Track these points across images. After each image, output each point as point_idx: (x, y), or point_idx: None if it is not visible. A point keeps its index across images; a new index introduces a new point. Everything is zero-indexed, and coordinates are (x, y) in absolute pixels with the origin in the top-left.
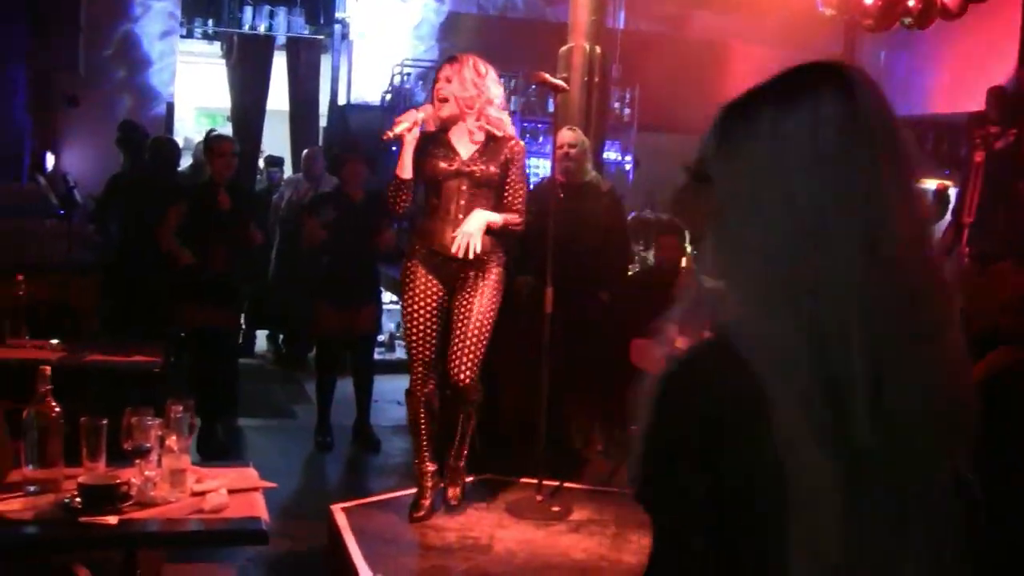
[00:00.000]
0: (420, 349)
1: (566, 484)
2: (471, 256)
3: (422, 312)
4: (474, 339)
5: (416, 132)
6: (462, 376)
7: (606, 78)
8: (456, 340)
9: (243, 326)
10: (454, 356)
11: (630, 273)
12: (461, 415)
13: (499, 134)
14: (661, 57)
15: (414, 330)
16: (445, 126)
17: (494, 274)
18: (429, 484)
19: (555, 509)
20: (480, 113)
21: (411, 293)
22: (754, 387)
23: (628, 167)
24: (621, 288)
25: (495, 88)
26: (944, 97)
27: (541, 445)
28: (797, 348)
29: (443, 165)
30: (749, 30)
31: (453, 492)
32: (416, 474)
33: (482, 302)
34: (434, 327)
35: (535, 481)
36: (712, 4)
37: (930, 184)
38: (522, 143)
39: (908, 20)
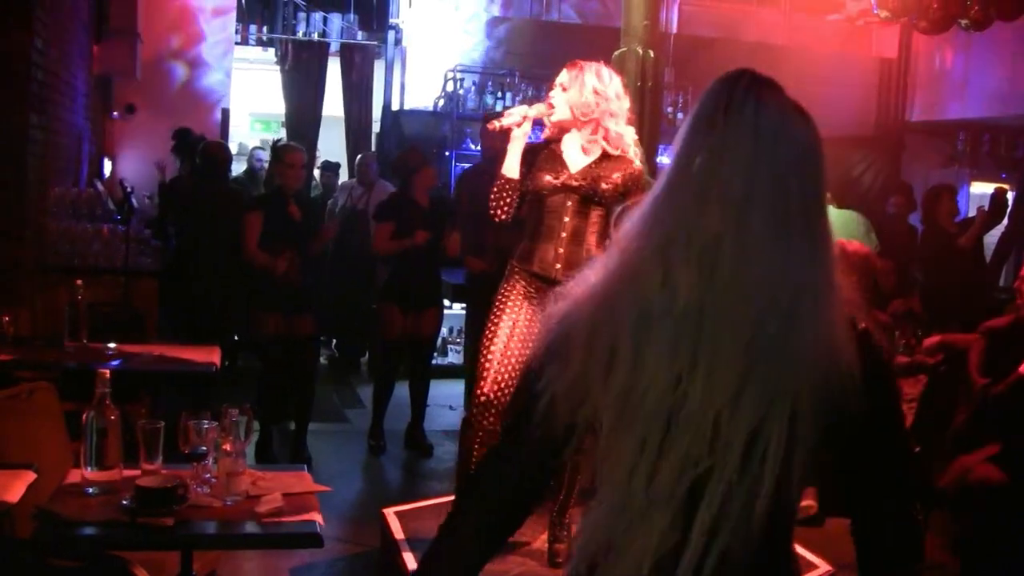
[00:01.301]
0: (490, 369)
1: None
2: None
3: (506, 333)
4: None
5: (527, 128)
6: None
7: (659, 82)
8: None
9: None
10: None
11: None
12: (568, 463)
13: (615, 152)
14: (714, 60)
15: (492, 356)
16: (556, 139)
17: None
18: None
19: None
20: (598, 125)
21: (498, 315)
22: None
23: None
24: None
25: (619, 100)
26: (1001, 99)
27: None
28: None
29: (548, 178)
30: (804, 32)
31: (561, 549)
32: None
33: None
34: (515, 352)
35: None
36: (766, 6)
37: (987, 188)
38: (643, 169)
39: (965, 22)
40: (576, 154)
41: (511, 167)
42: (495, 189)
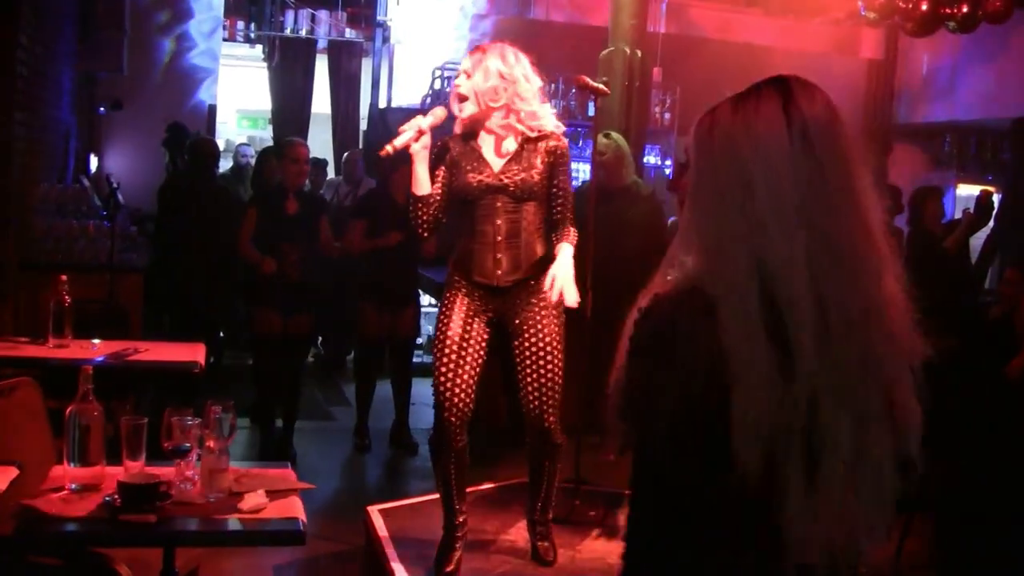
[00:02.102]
0: (451, 394)
1: (604, 490)
2: (572, 304)
3: (457, 351)
4: (551, 375)
5: (426, 140)
6: (546, 419)
7: (647, 82)
8: (530, 379)
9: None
10: (532, 397)
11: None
12: (546, 462)
13: (533, 134)
14: (702, 61)
15: (446, 371)
16: (472, 132)
17: (550, 298)
18: (460, 534)
19: (592, 514)
20: (509, 110)
21: (444, 329)
22: (711, 309)
23: (668, 171)
24: None
25: (529, 80)
26: (988, 102)
27: (579, 450)
28: (747, 278)
29: (473, 180)
30: (791, 34)
31: (545, 547)
32: (445, 526)
33: (549, 332)
34: (472, 370)
35: (573, 485)
36: (754, 8)
37: (973, 190)
38: (564, 139)
39: (952, 24)
40: (495, 148)
41: (421, 183)
42: (411, 208)
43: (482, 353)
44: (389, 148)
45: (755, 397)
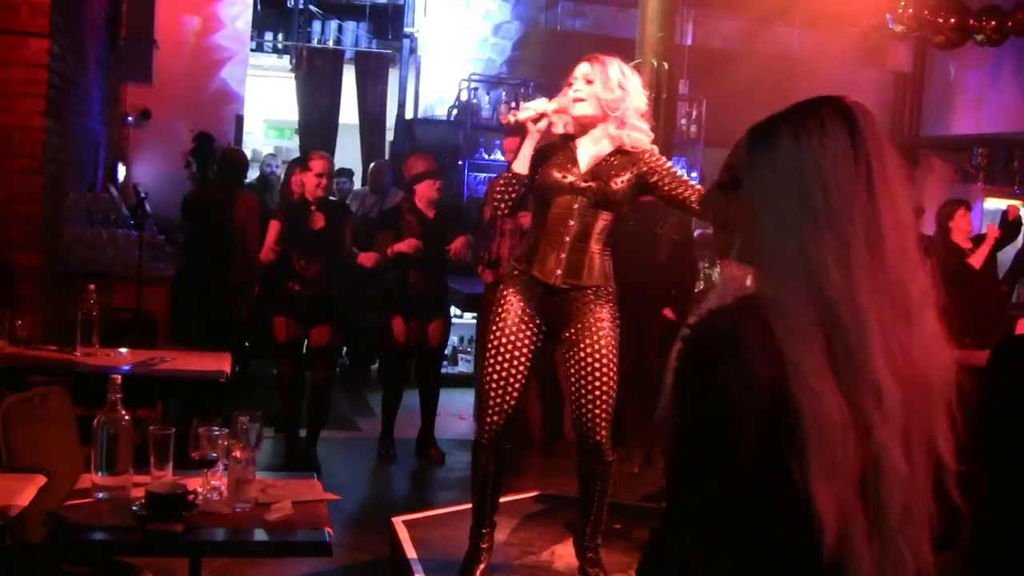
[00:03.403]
0: (499, 394)
1: (627, 503)
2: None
3: (510, 351)
4: (605, 388)
5: (543, 125)
6: (598, 433)
7: (673, 94)
8: (583, 390)
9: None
10: (584, 410)
11: (696, 290)
12: (597, 482)
13: (628, 148)
14: (728, 73)
15: (496, 371)
16: (571, 135)
17: (608, 310)
18: (486, 546)
19: (616, 527)
20: (621, 121)
21: (500, 325)
22: (770, 338)
23: (695, 183)
24: (687, 305)
25: (642, 96)
26: (1016, 115)
27: None
28: (808, 311)
29: (557, 175)
30: (819, 46)
31: (595, 573)
32: (471, 536)
33: (606, 344)
34: (521, 371)
35: None
36: (781, 20)
37: (1001, 204)
38: (656, 154)
39: (980, 37)
40: (589, 152)
41: (522, 162)
42: (502, 182)
43: (529, 358)
44: (511, 117)
45: (824, 428)
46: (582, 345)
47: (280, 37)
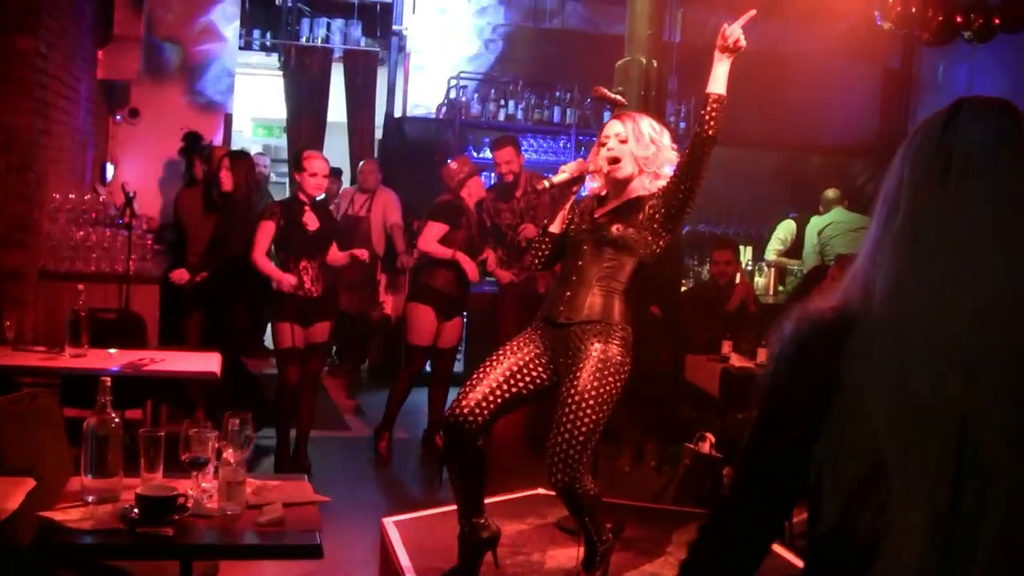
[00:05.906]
0: (479, 377)
1: (618, 501)
2: None
3: (508, 350)
4: (570, 427)
5: (578, 184)
6: (553, 475)
7: (663, 91)
8: (552, 424)
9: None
10: (548, 443)
11: (683, 288)
12: (575, 515)
13: (644, 194)
14: None
15: (487, 361)
16: (606, 190)
17: (611, 348)
18: (471, 543)
19: (608, 526)
20: (656, 175)
21: (501, 347)
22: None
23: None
24: (674, 303)
25: (672, 148)
26: None
27: (595, 459)
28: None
29: (575, 223)
30: (808, 42)
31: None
32: (458, 536)
33: (584, 379)
34: (499, 388)
35: None
36: (770, 16)
37: None
38: (659, 197)
39: (968, 34)
40: (609, 200)
41: (557, 222)
42: (536, 241)
43: (524, 383)
44: (547, 183)
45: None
46: (565, 378)
47: (268, 35)
